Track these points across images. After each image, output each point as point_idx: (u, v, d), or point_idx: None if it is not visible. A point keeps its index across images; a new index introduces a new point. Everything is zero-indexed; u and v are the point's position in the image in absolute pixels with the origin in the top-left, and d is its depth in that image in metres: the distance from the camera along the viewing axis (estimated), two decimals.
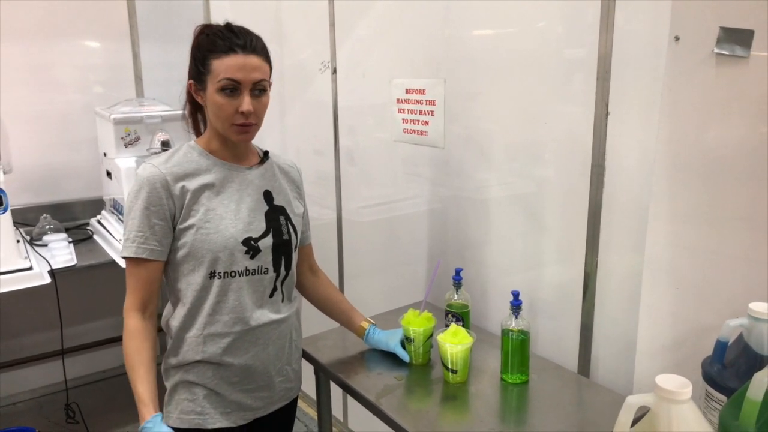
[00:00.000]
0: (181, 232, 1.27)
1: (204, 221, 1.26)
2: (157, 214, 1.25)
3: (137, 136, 2.43)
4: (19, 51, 2.64)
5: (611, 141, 1.37)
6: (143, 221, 1.25)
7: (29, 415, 2.82)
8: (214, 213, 1.28)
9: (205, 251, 1.26)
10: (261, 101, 1.27)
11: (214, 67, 1.23)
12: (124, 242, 1.27)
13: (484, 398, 1.33)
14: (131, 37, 2.91)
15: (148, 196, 1.24)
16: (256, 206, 1.34)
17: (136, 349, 1.25)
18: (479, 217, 1.75)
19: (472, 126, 1.73)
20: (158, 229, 1.25)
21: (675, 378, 0.81)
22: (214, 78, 1.23)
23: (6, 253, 2.05)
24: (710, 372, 0.98)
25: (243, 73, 1.22)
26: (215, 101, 1.24)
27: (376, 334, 1.52)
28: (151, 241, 1.25)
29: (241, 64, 1.22)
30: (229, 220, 1.28)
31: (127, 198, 1.28)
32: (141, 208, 1.24)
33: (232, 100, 1.23)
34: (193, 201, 1.27)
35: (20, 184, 2.63)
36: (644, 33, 1.27)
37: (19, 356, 2.86)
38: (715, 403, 0.96)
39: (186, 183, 1.27)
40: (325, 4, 2.21)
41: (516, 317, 1.36)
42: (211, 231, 1.26)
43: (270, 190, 1.37)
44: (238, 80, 1.22)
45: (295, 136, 2.64)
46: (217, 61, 1.23)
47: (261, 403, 1.38)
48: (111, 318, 3.07)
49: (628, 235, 1.36)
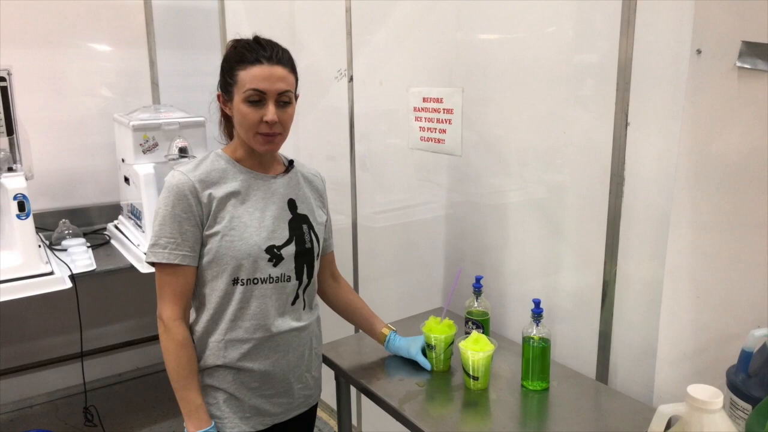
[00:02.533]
0: (207, 238, 1.29)
1: (229, 228, 1.29)
2: (189, 220, 1.27)
3: (155, 142, 2.46)
4: (38, 58, 2.68)
5: (631, 150, 1.39)
6: (174, 227, 1.26)
7: (46, 417, 2.85)
8: (239, 221, 1.30)
9: (229, 258, 1.29)
10: (286, 111, 1.29)
11: (240, 78, 1.26)
12: (151, 247, 1.28)
13: (505, 405, 1.35)
14: (148, 44, 2.94)
15: (178, 202, 1.26)
16: (280, 214, 1.36)
17: (188, 359, 1.29)
18: (497, 224, 1.77)
19: (489, 133, 1.75)
20: (190, 236, 1.27)
21: (706, 388, 0.83)
22: (240, 88, 1.26)
23: (28, 258, 2.08)
24: (735, 381, 1.00)
25: (268, 83, 1.25)
26: (241, 111, 1.27)
27: (397, 341, 1.54)
28: (183, 247, 1.27)
29: (266, 75, 1.25)
30: (253, 228, 1.31)
31: (157, 204, 1.30)
32: (171, 214, 1.26)
33: (257, 110, 1.26)
34: (219, 208, 1.29)
35: (38, 189, 2.67)
36: (665, 44, 1.29)
37: (37, 359, 2.90)
38: (740, 412, 0.98)
39: (213, 190, 1.29)
40: (342, 12, 2.24)
41: (537, 325, 1.37)
42: (236, 238, 1.29)
43: (294, 199, 1.40)
44: (263, 90, 1.25)
45: (309, 142, 2.67)
46: (243, 72, 1.25)
47: (280, 409, 1.40)
48: (128, 321, 3.10)
49: (648, 243, 1.38)
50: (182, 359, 1.28)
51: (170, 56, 2.98)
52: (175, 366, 1.28)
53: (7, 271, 2.05)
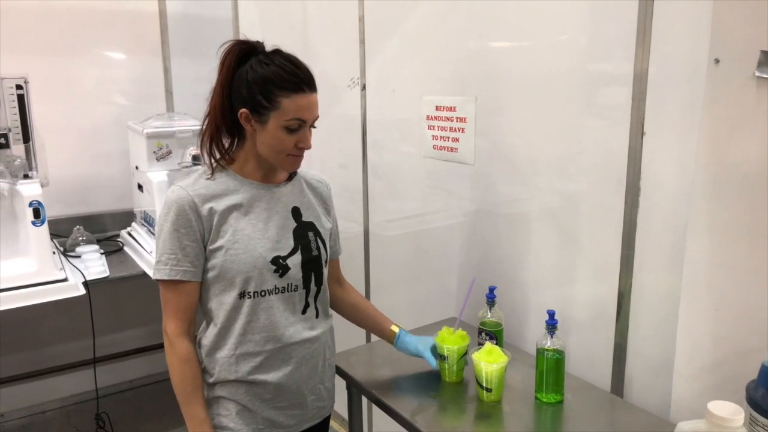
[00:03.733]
0: (211, 253, 1.28)
1: (233, 242, 1.28)
2: (188, 235, 1.26)
3: (169, 150, 2.47)
4: (54, 66, 2.71)
5: (646, 160, 1.37)
6: (174, 243, 1.26)
7: (58, 423, 2.86)
8: (243, 233, 1.29)
9: (235, 272, 1.27)
10: (312, 133, 1.32)
11: (283, 105, 1.23)
12: (156, 265, 1.28)
13: (519, 417, 1.33)
14: (163, 53, 2.97)
15: (177, 218, 1.26)
16: (284, 224, 1.35)
17: (192, 375, 1.29)
18: (510, 234, 1.75)
19: (503, 142, 1.74)
20: (190, 251, 1.26)
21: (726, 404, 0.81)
22: (282, 115, 1.24)
23: (43, 264, 2.10)
24: (755, 396, 0.98)
25: (310, 112, 1.27)
26: (277, 136, 1.25)
27: (407, 338, 1.51)
28: (183, 263, 1.26)
29: (308, 104, 1.26)
30: (257, 239, 1.29)
31: (158, 221, 1.30)
32: (171, 230, 1.26)
33: (293, 136, 1.26)
34: (221, 222, 1.28)
35: (53, 195, 2.68)
36: (681, 53, 1.27)
37: (49, 365, 2.91)
38: (760, 428, 0.96)
39: (213, 204, 1.28)
40: (356, 21, 2.24)
41: (551, 336, 1.36)
42: (240, 251, 1.27)
43: (298, 207, 1.39)
44: (306, 120, 1.26)
45: (320, 150, 2.67)
46: (287, 99, 1.23)
47: (293, 420, 1.39)
48: (141, 328, 3.11)
49: (664, 254, 1.36)
50: (186, 375, 1.28)
51: (184, 64, 3.01)
52: (180, 381, 1.29)
53: (22, 278, 2.07)
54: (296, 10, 2.66)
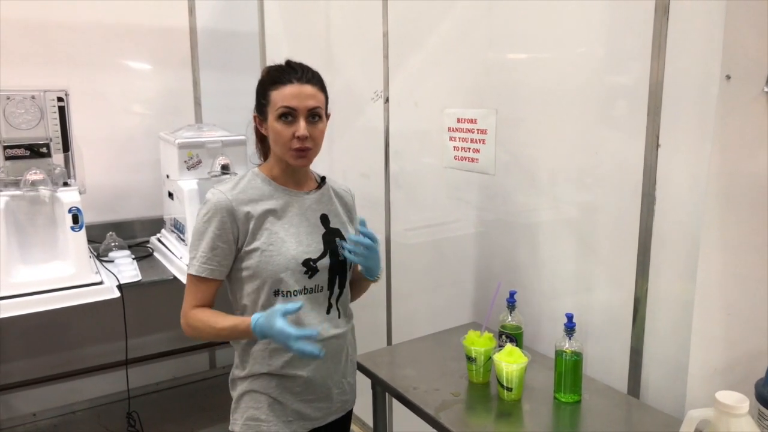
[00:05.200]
0: (247, 254, 1.38)
1: (268, 244, 1.37)
2: (221, 237, 1.35)
3: (199, 159, 2.58)
4: (92, 79, 2.84)
5: (662, 171, 1.43)
6: (207, 243, 1.36)
7: (88, 424, 2.95)
8: (277, 236, 1.38)
9: (269, 272, 1.37)
10: (317, 127, 1.38)
11: (272, 98, 1.36)
12: (190, 260, 1.39)
13: (538, 416, 1.39)
14: (192, 66, 3.08)
15: (213, 219, 1.36)
16: (313, 229, 1.44)
17: (208, 314, 1.37)
18: (529, 242, 1.82)
19: (521, 153, 1.81)
20: (219, 252, 1.36)
21: (733, 394, 0.87)
22: (273, 107, 1.35)
23: (80, 268, 2.20)
24: (763, 393, 1.03)
25: (298, 100, 1.34)
26: (274, 128, 1.36)
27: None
28: (212, 262, 1.36)
29: (296, 93, 1.35)
30: (290, 243, 1.39)
31: (196, 220, 1.39)
32: (206, 230, 1.36)
33: (289, 127, 1.35)
34: (257, 226, 1.38)
35: (87, 203, 2.78)
36: (695, 68, 1.33)
37: (81, 366, 3.02)
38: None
39: (250, 209, 1.38)
40: (380, 36, 2.33)
41: (570, 339, 1.42)
42: (275, 253, 1.37)
43: (327, 214, 1.48)
44: (294, 107, 1.34)
45: (343, 160, 2.76)
46: (276, 92, 1.35)
47: (320, 413, 1.47)
48: (170, 331, 3.21)
49: (679, 261, 1.41)
50: (204, 317, 1.36)
51: (212, 77, 3.12)
52: (203, 324, 1.35)
53: (61, 280, 2.17)
54: (321, 25, 2.76)
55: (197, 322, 1.36)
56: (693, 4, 1.32)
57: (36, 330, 2.90)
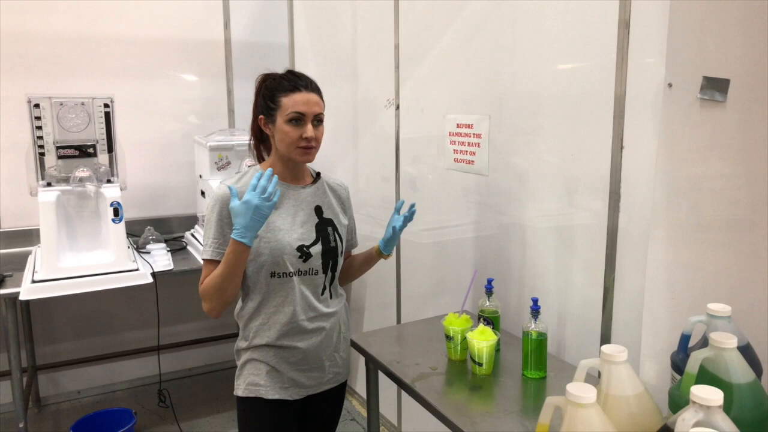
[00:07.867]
0: None
1: (266, 231, 1.56)
2: (229, 225, 1.54)
3: (228, 161, 2.82)
4: (134, 87, 3.14)
5: (625, 171, 1.57)
6: (218, 230, 1.55)
7: (126, 401, 3.24)
8: (274, 225, 1.58)
9: (267, 256, 1.56)
10: (319, 129, 1.58)
11: (283, 103, 1.54)
12: (204, 247, 1.59)
13: (504, 388, 1.54)
14: (226, 76, 3.36)
15: (221, 209, 1.55)
16: (308, 219, 1.63)
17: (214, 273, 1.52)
18: (515, 237, 1.97)
19: (509, 155, 1.97)
20: (229, 237, 1.53)
21: (616, 347, 1.03)
22: (284, 111, 1.54)
23: (119, 256, 2.46)
24: (676, 360, 1.17)
25: (307, 106, 1.54)
26: (284, 130, 1.55)
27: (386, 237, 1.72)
28: (224, 247, 1.54)
29: (305, 100, 1.54)
30: (285, 230, 1.58)
31: (206, 212, 1.60)
32: (215, 219, 1.55)
33: (297, 129, 1.54)
34: None
35: (129, 200, 3.08)
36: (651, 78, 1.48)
37: (119, 350, 3.31)
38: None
39: None
40: (392, 49, 2.53)
41: (535, 320, 1.57)
42: (272, 240, 1.56)
43: (320, 206, 1.67)
44: (303, 112, 1.54)
45: (366, 164, 2.96)
46: (286, 98, 1.54)
47: (313, 382, 1.66)
48: (200, 321, 3.47)
49: (639, 253, 1.55)
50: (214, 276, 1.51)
51: (244, 86, 3.37)
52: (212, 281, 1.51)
53: (102, 266, 2.44)
54: (344, 38, 2.97)
55: (205, 288, 1.54)
56: (649, 18, 1.47)
57: (82, 316, 3.21)
